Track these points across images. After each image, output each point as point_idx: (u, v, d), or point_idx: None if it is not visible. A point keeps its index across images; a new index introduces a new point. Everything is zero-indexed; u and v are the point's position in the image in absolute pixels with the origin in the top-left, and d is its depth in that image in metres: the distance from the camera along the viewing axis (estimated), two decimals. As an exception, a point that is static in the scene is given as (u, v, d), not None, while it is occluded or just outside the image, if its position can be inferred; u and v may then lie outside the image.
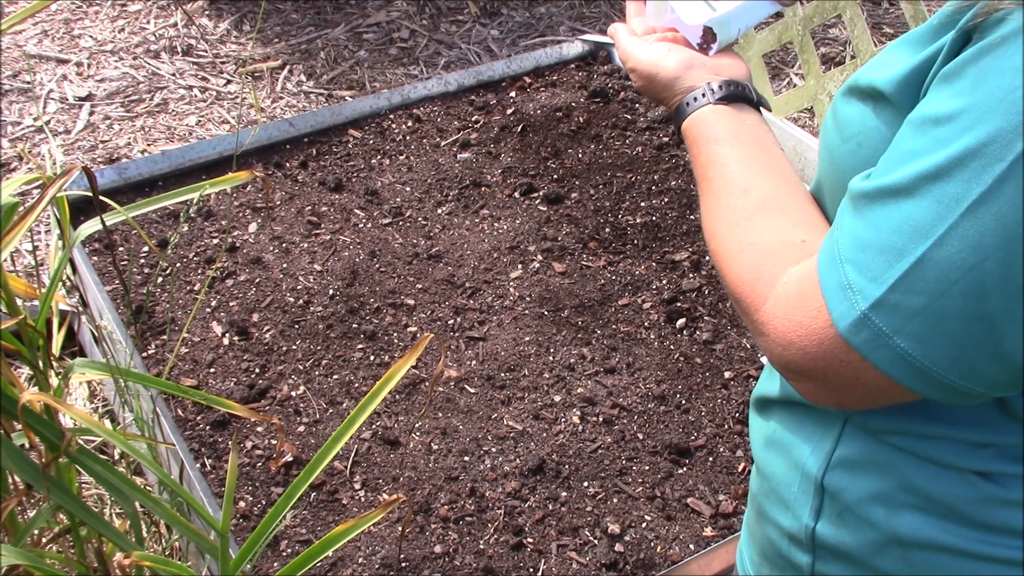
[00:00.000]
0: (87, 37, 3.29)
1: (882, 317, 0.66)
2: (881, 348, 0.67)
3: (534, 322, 2.07)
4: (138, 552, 1.06)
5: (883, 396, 0.71)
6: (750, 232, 0.79)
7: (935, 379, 0.66)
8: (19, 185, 1.20)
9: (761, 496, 0.89)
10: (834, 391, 0.73)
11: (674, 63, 0.92)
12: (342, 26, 3.41)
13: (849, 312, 0.68)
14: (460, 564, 1.63)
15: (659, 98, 0.95)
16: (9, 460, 1.05)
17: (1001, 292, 0.62)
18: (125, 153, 2.79)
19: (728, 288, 0.80)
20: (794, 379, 0.76)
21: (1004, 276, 0.61)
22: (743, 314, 0.78)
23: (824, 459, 0.81)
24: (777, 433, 0.87)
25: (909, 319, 0.65)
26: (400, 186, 2.43)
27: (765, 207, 0.80)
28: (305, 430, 1.83)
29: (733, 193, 0.82)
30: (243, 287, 2.13)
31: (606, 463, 1.79)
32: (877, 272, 0.66)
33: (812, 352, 0.71)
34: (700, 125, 0.88)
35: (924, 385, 0.67)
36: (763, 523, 0.90)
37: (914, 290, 0.65)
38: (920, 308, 0.65)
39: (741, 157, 0.84)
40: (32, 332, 1.14)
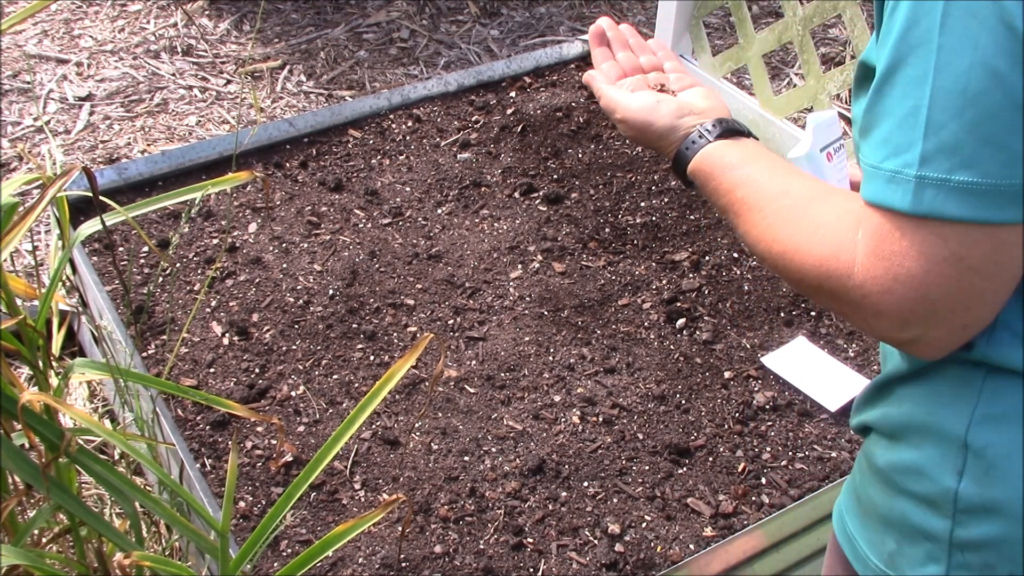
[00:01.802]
0: (87, 37, 3.29)
1: (933, 168, 0.69)
2: (948, 196, 0.69)
3: (534, 322, 2.07)
4: (138, 552, 1.06)
5: (992, 269, 0.71)
6: (811, 220, 0.81)
7: (1006, 191, 0.68)
8: (19, 185, 1.21)
9: (889, 471, 0.87)
10: (954, 310, 0.73)
11: (668, 114, 0.98)
12: (342, 26, 3.41)
13: (905, 188, 0.70)
14: (460, 564, 1.63)
15: (653, 146, 0.99)
16: (9, 460, 1.05)
17: (1010, 65, 0.66)
18: (125, 153, 2.79)
19: (809, 281, 0.80)
20: (914, 329, 0.75)
21: (1001, 49, 0.66)
22: (834, 297, 0.79)
23: (966, 419, 0.80)
24: (906, 408, 0.85)
25: (953, 152, 0.68)
26: (400, 186, 2.43)
27: (811, 198, 0.83)
28: (305, 430, 1.84)
29: (775, 199, 0.85)
30: (243, 287, 2.13)
31: (606, 463, 1.79)
32: (906, 141, 0.70)
33: (912, 271, 0.72)
34: (710, 159, 0.92)
35: (1003, 207, 0.68)
36: (893, 497, 0.87)
37: (941, 125, 0.68)
38: (954, 135, 0.68)
39: (763, 170, 0.89)
40: (32, 332, 1.14)
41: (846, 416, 1.90)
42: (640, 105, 0.99)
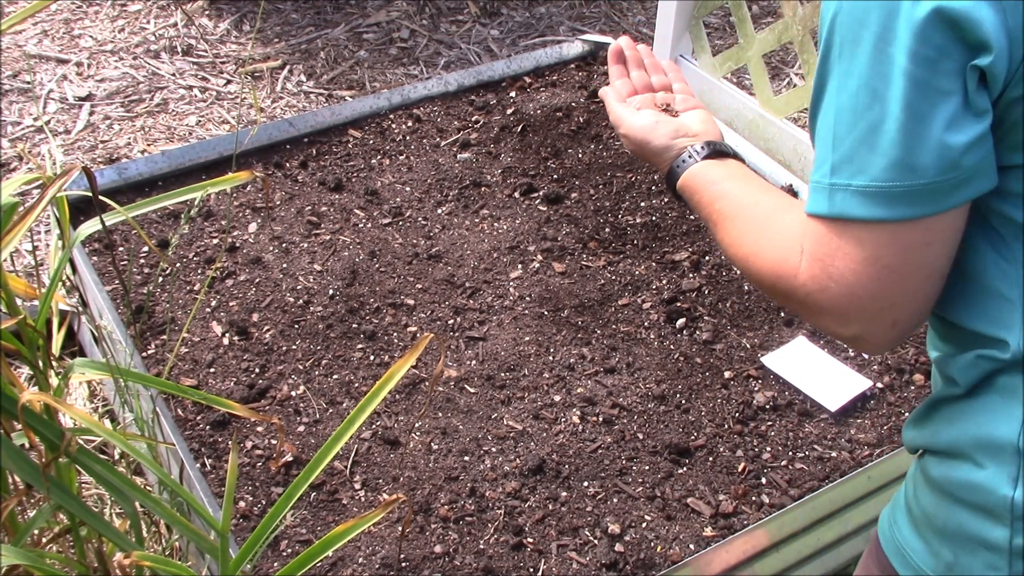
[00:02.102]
0: (87, 37, 3.29)
1: (839, 176, 0.81)
2: (851, 199, 0.81)
3: (534, 322, 2.07)
4: (138, 552, 1.06)
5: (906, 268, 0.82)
6: (772, 228, 0.92)
7: (895, 192, 0.79)
8: (19, 185, 1.21)
9: (944, 483, 0.89)
10: (881, 307, 0.84)
11: (664, 135, 1.10)
12: (342, 26, 3.41)
13: (824, 196, 0.83)
14: (460, 564, 1.63)
15: (650, 161, 1.12)
16: (9, 460, 1.05)
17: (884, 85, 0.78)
18: (125, 153, 2.79)
19: (766, 282, 0.91)
20: (854, 325, 0.86)
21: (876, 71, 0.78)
22: (786, 296, 0.89)
23: (1017, 426, 0.83)
24: (957, 426, 0.88)
25: (850, 161, 0.80)
26: (400, 186, 2.43)
27: (776, 208, 0.95)
28: (305, 430, 1.84)
29: (746, 210, 0.97)
30: (243, 287, 2.13)
31: (606, 463, 1.80)
32: (823, 156, 0.83)
33: (841, 271, 0.83)
34: (696, 176, 1.04)
35: (893, 206, 0.79)
36: (949, 507, 0.89)
37: (841, 140, 0.81)
38: (850, 147, 0.80)
39: (740, 186, 1.01)
40: (32, 332, 1.14)
41: (846, 416, 1.90)
42: (641, 124, 1.12)
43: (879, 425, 1.89)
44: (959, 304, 0.87)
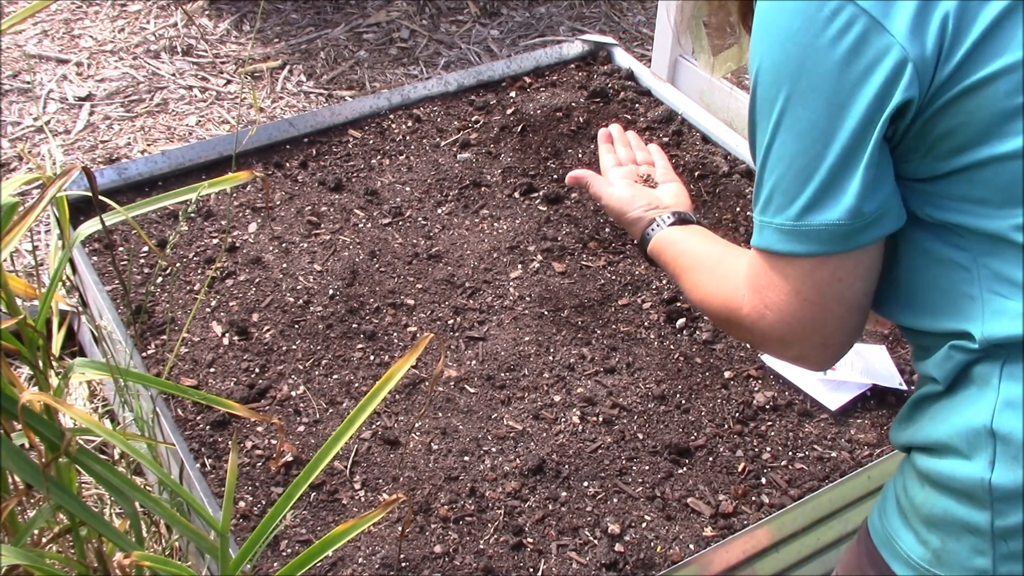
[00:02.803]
0: (87, 37, 3.29)
1: (765, 214, 0.91)
2: (772, 235, 0.91)
3: (534, 322, 2.07)
4: (138, 552, 1.06)
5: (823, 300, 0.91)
6: (722, 271, 1.05)
7: (803, 231, 0.88)
8: (19, 185, 1.21)
9: (930, 473, 0.93)
10: (810, 332, 0.93)
11: (639, 207, 1.24)
12: (342, 26, 3.41)
13: (756, 228, 0.93)
14: (460, 564, 1.63)
15: (626, 228, 1.26)
16: (9, 460, 1.05)
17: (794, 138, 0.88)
18: (125, 153, 2.79)
19: (720, 317, 1.03)
20: (793, 348, 0.96)
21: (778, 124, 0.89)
22: (736, 328, 1.01)
23: (990, 409, 0.87)
24: (939, 422, 0.92)
25: (770, 203, 0.91)
26: (400, 186, 2.43)
27: (726, 255, 1.09)
28: (305, 430, 1.84)
29: (701, 261, 1.11)
30: (243, 287, 2.13)
31: (606, 463, 1.80)
32: (756, 195, 0.93)
33: (773, 301, 0.94)
34: (662, 240, 1.19)
35: (803, 243, 0.89)
36: (935, 495, 0.92)
37: (764, 183, 0.91)
38: (769, 191, 0.91)
39: (698, 243, 1.15)
40: (32, 332, 1.14)
41: (846, 416, 1.90)
42: (619, 196, 1.26)
43: (879, 425, 1.89)
44: (924, 311, 0.93)
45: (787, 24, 0.85)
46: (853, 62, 0.83)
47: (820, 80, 0.84)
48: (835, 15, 0.82)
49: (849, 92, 0.83)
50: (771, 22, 0.87)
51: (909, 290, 0.94)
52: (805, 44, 0.84)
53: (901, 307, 0.95)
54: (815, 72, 0.84)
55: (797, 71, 0.85)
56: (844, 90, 0.84)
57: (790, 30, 0.85)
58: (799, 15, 0.84)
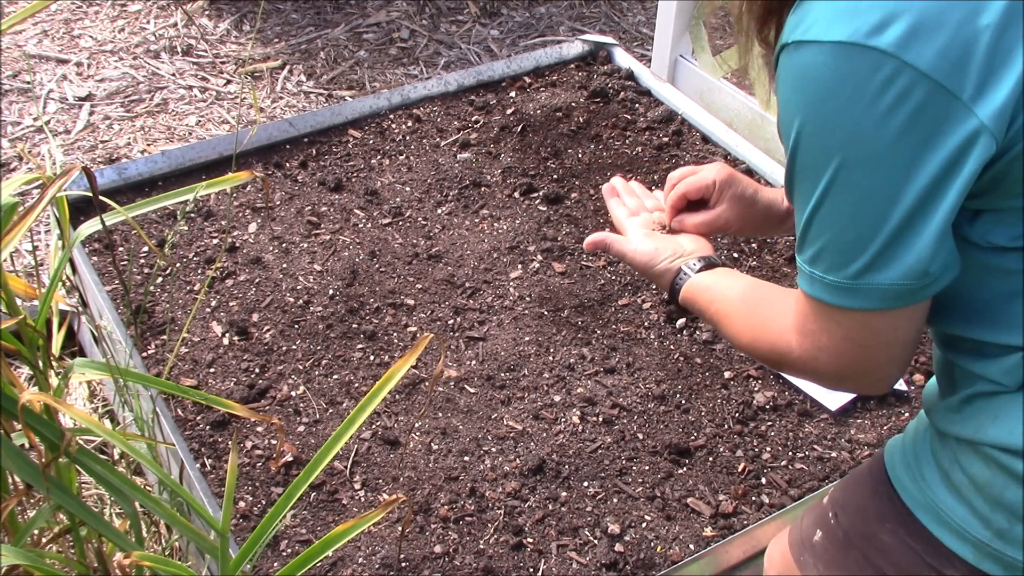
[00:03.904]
0: (87, 37, 3.29)
1: (816, 267, 0.89)
2: (825, 289, 0.89)
3: (534, 322, 2.07)
4: (138, 552, 1.06)
5: (878, 343, 0.90)
6: (762, 315, 1.04)
7: (857, 288, 0.86)
8: (19, 185, 1.20)
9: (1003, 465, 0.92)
10: (866, 370, 0.93)
11: (664, 258, 1.21)
12: (342, 26, 3.41)
13: (806, 280, 0.91)
14: (460, 564, 1.63)
15: (654, 281, 1.23)
16: (9, 460, 1.05)
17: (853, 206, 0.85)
18: (125, 153, 2.79)
19: (771, 360, 1.02)
20: (849, 383, 0.96)
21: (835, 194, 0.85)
22: (791, 368, 1.00)
23: None
24: (1002, 411, 0.92)
25: (820, 260, 0.88)
26: (400, 186, 2.43)
27: (761, 298, 1.07)
28: (305, 430, 1.84)
29: (736, 305, 1.09)
30: (243, 287, 2.13)
31: (606, 463, 1.79)
32: (802, 244, 0.91)
33: (826, 345, 0.92)
34: (693, 288, 1.16)
35: (858, 299, 0.87)
36: (1009, 482, 0.92)
37: (815, 239, 0.89)
38: (819, 249, 0.88)
39: (728, 286, 1.13)
40: (32, 332, 1.14)
41: (846, 416, 1.90)
42: (643, 251, 1.23)
43: (879, 425, 1.89)
44: (987, 325, 0.91)
45: (834, 90, 0.80)
46: (914, 130, 0.78)
47: (878, 148, 0.80)
48: (890, 82, 0.77)
49: (912, 160, 0.79)
50: (812, 85, 0.82)
51: (971, 304, 0.92)
52: (858, 113, 0.79)
53: (959, 320, 0.93)
54: (871, 141, 0.80)
55: (849, 140, 0.81)
56: (906, 158, 0.79)
57: (838, 98, 0.80)
58: (847, 83, 0.79)
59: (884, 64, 0.77)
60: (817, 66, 0.80)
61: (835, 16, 0.79)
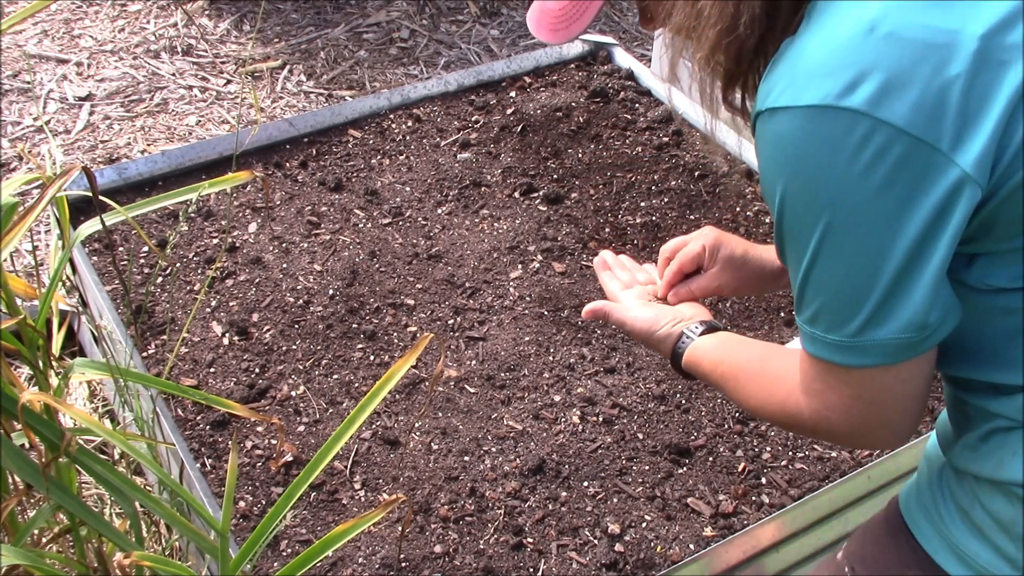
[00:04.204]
0: (87, 37, 3.29)
1: (816, 327, 0.89)
2: (827, 348, 0.88)
3: (534, 322, 2.07)
4: (138, 552, 1.06)
5: (886, 400, 0.89)
6: (768, 377, 1.02)
7: (858, 346, 0.86)
8: (19, 185, 1.20)
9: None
10: (876, 427, 0.92)
11: (665, 324, 1.20)
12: (342, 26, 3.41)
13: (808, 340, 0.91)
14: (460, 564, 1.63)
15: (655, 348, 1.22)
16: (9, 460, 1.05)
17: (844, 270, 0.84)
18: (125, 153, 2.79)
19: (781, 422, 1.01)
20: (862, 440, 0.95)
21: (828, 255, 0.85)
22: (801, 429, 0.98)
23: None
24: (1017, 443, 0.90)
25: (819, 320, 0.88)
26: (400, 186, 2.43)
27: (764, 360, 1.05)
28: (305, 430, 1.84)
29: (741, 366, 1.07)
30: (243, 287, 2.13)
31: (606, 463, 1.79)
32: (800, 305, 0.90)
33: (835, 405, 0.91)
34: (697, 351, 1.15)
35: (860, 357, 0.86)
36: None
37: (810, 298, 0.88)
38: (816, 310, 0.88)
39: (731, 350, 1.12)
40: (32, 332, 1.14)
41: (846, 416, 1.90)
42: (644, 317, 1.22)
43: (879, 425, 1.88)
44: (997, 365, 0.90)
45: (812, 154, 0.80)
46: (897, 186, 0.78)
47: (862, 207, 0.80)
48: (867, 140, 0.77)
49: (898, 215, 0.79)
50: (790, 151, 0.82)
51: (977, 346, 0.91)
52: (838, 174, 0.79)
53: (967, 363, 0.92)
54: (855, 200, 0.80)
55: (833, 201, 0.81)
56: (892, 214, 0.79)
57: (817, 161, 0.80)
58: (825, 146, 0.79)
59: (859, 123, 0.77)
60: (793, 131, 0.80)
61: (805, 80, 0.79)
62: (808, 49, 0.81)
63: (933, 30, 0.77)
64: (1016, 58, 0.76)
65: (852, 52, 0.78)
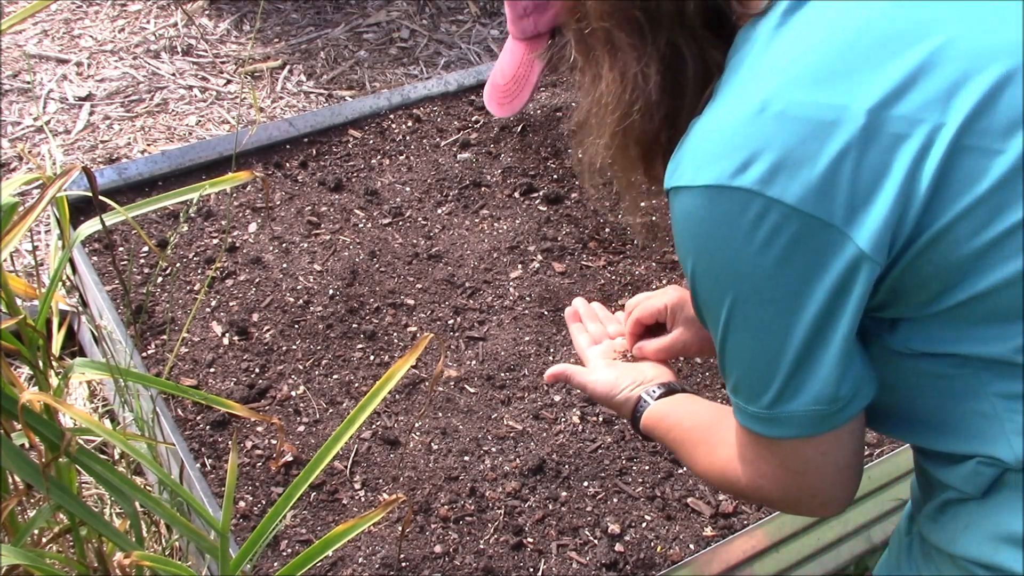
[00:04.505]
0: (87, 37, 3.29)
1: (738, 397, 0.90)
2: (749, 419, 0.89)
3: (534, 322, 2.07)
4: (138, 552, 1.06)
5: (813, 468, 0.90)
6: (711, 444, 1.02)
7: (775, 418, 0.87)
8: (19, 185, 1.21)
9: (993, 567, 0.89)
10: (808, 495, 0.93)
11: (625, 387, 1.20)
12: (342, 26, 3.41)
13: (734, 409, 0.93)
14: (460, 564, 1.63)
15: (616, 411, 1.22)
16: (9, 460, 1.05)
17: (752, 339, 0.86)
18: (125, 153, 2.79)
19: (724, 490, 1.02)
20: (800, 507, 0.96)
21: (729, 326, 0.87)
22: (744, 496, 1.01)
23: None
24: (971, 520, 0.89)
25: (738, 391, 0.90)
26: (400, 186, 2.43)
27: (712, 426, 1.05)
28: (305, 430, 1.84)
29: (689, 431, 1.08)
30: (243, 287, 2.13)
31: (606, 463, 1.79)
32: (720, 369, 0.92)
33: (766, 473, 0.93)
34: (652, 415, 1.15)
35: (780, 428, 0.87)
36: None
37: (729, 370, 0.90)
38: (735, 382, 0.89)
39: (685, 415, 1.12)
40: (32, 332, 1.14)
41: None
42: (604, 381, 1.22)
43: (879, 425, 1.88)
44: (936, 434, 0.88)
45: (712, 232, 0.82)
46: (794, 262, 0.79)
47: (763, 284, 0.81)
48: (761, 219, 0.78)
49: (798, 291, 0.80)
50: (693, 228, 0.84)
51: (914, 413, 0.90)
52: (736, 252, 0.81)
53: (908, 430, 0.92)
54: (755, 277, 0.81)
55: (735, 278, 0.83)
56: (792, 290, 0.80)
57: (717, 238, 0.82)
58: (722, 224, 0.80)
59: (752, 202, 0.78)
60: (695, 210, 0.82)
61: (703, 160, 0.81)
62: (706, 129, 0.83)
63: (822, 107, 0.77)
64: (911, 131, 0.77)
65: (744, 132, 0.79)
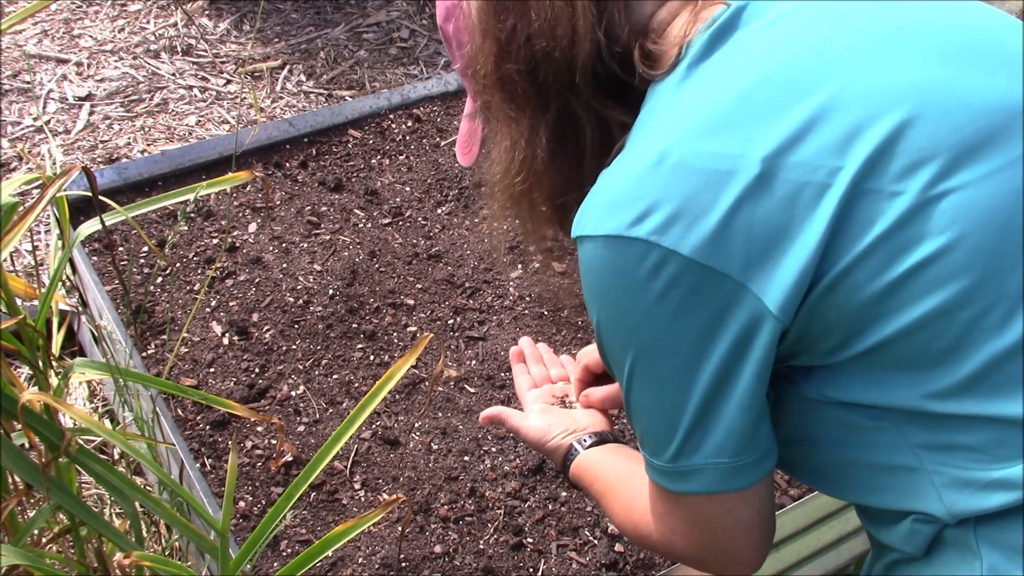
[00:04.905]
0: (87, 37, 3.29)
1: (644, 449, 0.90)
2: (656, 473, 0.89)
3: (534, 322, 2.07)
4: (138, 552, 1.06)
5: (719, 527, 0.89)
6: (628, 497, 1.02)
7: (680, 471, 0.86)
8: (19, 185, 1.21)
9: None
10: (717, 553, 0.91)
11: (556, 435, 1.20)
12: (342, 26, 3.41)
13: (645, 463, 0.92)
14: (460, 564, 1.63)
15: (548, 458, 1.23)
16: (9, 460, 1.05)
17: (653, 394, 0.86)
18: (125, 153, 2.79)
19: (639, 544, 1.02)
20: (711, 565, 0.94)
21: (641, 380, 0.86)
22: (657, 552, 1.01)
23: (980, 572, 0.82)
24: None
25: (644, 444, 0.90)
26: (400, 186, 2.43)
27: (630, 480, 1.03)
28: (305, 430, 1.84)
29: (611, 483, 1.08)
30: (243, 287, 2.13)
31: (606, 463, 1.80)
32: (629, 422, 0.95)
33: (676, 528, 0.92)
34: (580, 466, 1.15)
35: (683, 482, 0.86)
36: None
37: (635, 422, 0.90)
38: (641, 434, 0.89)
39: (609, 467, 1.11)
40: (32, 332, 1.14)
41: (846, 416, 1.90)
42: (536, 428, 1.22)
43: (879, 425, 1.88)
44: (866, 490, 0.86)
45: (611, 283, 0.81)
46: (693, 314, 0.78)
47: (662, 335, 0.80)
48: (658, 269, 0.78)
49: (698, 344, 0.79)
50: (595, 277, 0.83)
51: (842, 468, 0.87)
52: (635, 302, 0.80)
53: (839, 486, 0.89)
54: (654, 329, 0.81)
55: (635, 329, 0.82)
56: (692, 343, 0.79)
57: (616, 289, 0.81)
58: (621, 274, 0.80)
59: (650, 253, 0.78)
60: (596, 259, 0.82)
61: (604, 210, 0.81)
62: (609, 180, 0.83)
63: (717, 156, 0.77)
64: (809, 177, 0.75)
65: (644, 183, 0.79)
